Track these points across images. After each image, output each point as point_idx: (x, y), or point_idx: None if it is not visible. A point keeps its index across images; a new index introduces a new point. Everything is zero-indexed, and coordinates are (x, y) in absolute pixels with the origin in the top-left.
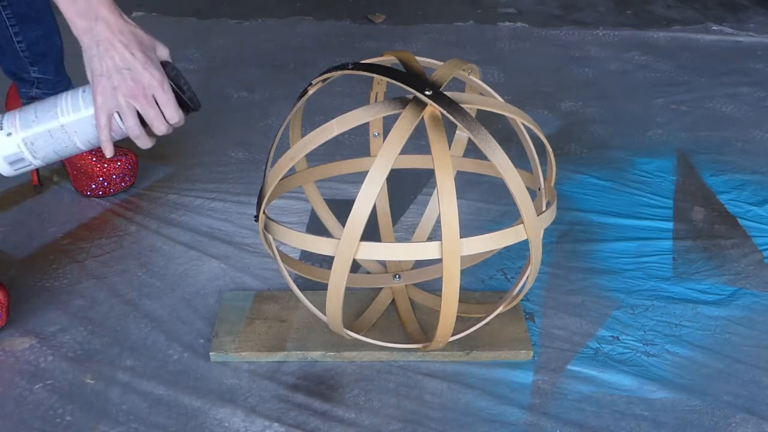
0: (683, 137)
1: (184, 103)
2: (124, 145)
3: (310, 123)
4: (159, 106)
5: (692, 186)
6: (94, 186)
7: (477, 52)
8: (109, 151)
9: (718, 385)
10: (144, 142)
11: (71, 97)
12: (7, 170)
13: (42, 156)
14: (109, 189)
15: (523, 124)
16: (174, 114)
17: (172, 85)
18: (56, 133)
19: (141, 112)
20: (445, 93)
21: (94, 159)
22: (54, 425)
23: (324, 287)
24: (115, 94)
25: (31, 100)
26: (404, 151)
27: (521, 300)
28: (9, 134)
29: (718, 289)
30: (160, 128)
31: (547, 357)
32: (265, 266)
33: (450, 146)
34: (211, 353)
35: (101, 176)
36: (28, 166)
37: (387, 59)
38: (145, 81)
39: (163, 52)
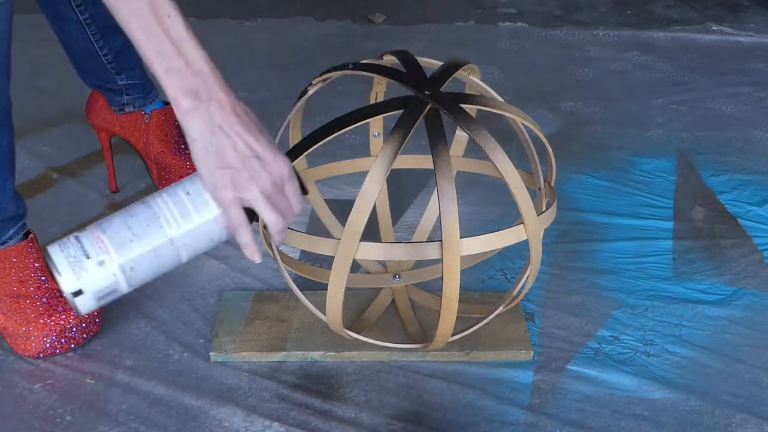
0: (683, 137)
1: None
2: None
3: (311, 123)
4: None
5: (692, 186)
6: None
7: (477, 52)
8: (258, 256)
9: (718, 385)
10: (284, 227)
11: (173, 203)
12: (90, 308)
13: (137, 282)
14: None
15: (523, 124)
16: (299, 205)
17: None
18: (163, 250)
19: (274, 205)
20: (445, 93)
21: (182, 158)
22: (54, 425)
23: (324, 287)
24: (249, 188)
25: (123, 107)
26: (404, 151)
27: (521, 300)
28: (101, 262)
29: (718, 289)
30: (289, 220)
31: (547, 357)
32: (265, 266)
33: (450, 146)
34: (211, 353)
35: (190, 173)
36: (114, 297)
37: (387, 59)
38: (277, 170)
39: None
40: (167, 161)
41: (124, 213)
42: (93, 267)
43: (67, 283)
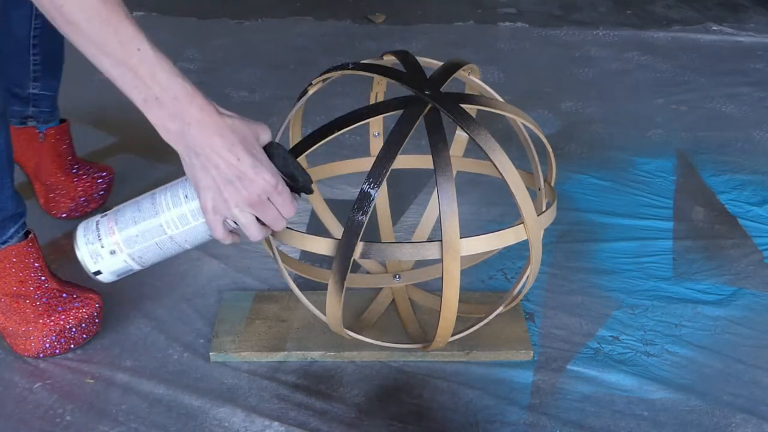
0: (683, 137)
1: (297, 189)
2: (102, 160)
3: (310, 123)
4: (275, 207)
5: (692, 186)
6: (73, 206)
7: (477, 52)
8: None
9: (718, 385)
10: (264, 235)
11: (173, 204)
12: (111, 281)
13: (149, 264)
14: (88, 208)
15: (523, 124)
16: (291, 210)
17: (283, 178)
18: (165, 244)
19: (259, 217)
20: (445, 93)
21: (75, 179)
22: (54, 425)
23: (324, 287)
24: (228, 206)
25: (25, 120)
26: (404, 151)
27: (521, 300)
28: (113, 252)
29: (718, 289)
30: (279, 227)
31: (547, 357)
32: (265, 266)
33: (450, 146)
34: (211, 353)
35: (82, 196)
36: (134, 271)
37: (387, 59)
38: (258, 188)
39: (265, 136)
40: (58, 181)
41: (134, 206)
42: (107, 255)
43: (86, 264)
